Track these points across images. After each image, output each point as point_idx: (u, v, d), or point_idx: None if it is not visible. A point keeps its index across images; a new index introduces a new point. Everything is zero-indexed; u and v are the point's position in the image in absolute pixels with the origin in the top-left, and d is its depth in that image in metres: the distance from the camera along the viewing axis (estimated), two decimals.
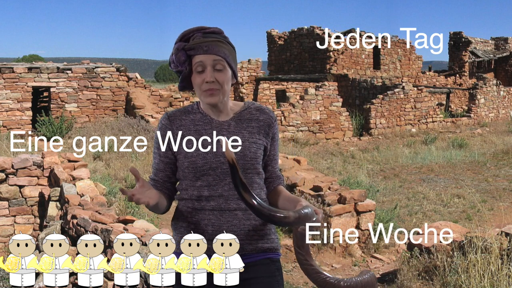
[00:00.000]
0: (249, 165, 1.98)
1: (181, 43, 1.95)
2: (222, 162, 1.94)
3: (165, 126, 2.02)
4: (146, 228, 4.77)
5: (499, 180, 10.36)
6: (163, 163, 2.04)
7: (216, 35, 1.96)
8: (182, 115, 2.03)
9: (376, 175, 10.89)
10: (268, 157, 2.09)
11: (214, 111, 2.01)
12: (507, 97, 23.76)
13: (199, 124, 2.00)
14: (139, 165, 9.99)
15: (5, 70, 14.71)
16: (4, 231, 6.46)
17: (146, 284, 3.76)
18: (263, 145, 2.04)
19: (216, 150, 1.95)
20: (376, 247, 6.07)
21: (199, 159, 1.95)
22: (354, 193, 6.24)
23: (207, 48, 1.91)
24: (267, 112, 2.08)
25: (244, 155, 1.97)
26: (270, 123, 2.07)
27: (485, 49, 32.44)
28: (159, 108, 15.74)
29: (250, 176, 1.99)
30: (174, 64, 1.98)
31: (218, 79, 1.93)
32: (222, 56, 1.93)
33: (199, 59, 1.92)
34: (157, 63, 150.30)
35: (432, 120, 19.68)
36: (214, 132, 1.98)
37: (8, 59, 40.58)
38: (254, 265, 1.96)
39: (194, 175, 1.96)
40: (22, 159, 6.55)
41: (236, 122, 2.02)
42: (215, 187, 1.95)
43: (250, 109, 2.07)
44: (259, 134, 2.03)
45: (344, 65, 23.37)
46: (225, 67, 1.94)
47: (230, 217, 1.95)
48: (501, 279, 3.85)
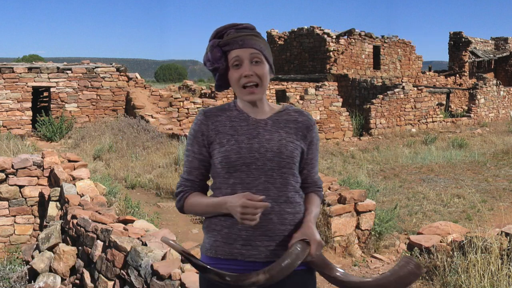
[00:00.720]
0: (285, 163, 1.91)
1: (216, 40, 1.92)
2: (256, 158, 1.89)
3: (201, 122, 1.97)
4: (146, 228, 4.77)
5: (499, 180, 10.36)
6: (197, 160, 1.98)
7: (248, 30, 1.93)
8: (218, 111, 1.99)
9: (376, 175, 10.88)
10: (305, 160, 2.02)
11: (252, 108, 1.97)
12: (507, 97, 23.75)
13: (235, 121, 1.95)
14: (139, 165, 10.00)
15: (5, 70, 14.71)
16: (4, 231, 6.46)
17: (146, 284, 3.76)
18: (300, 147, 1.98)
19: (251, 146, 1.89)
20: (376, 247, 6.07)
21: (232, 154, 1.88)
22: (354, 193, 6.24)
23: (243, 42, 1.88)
24: (306, 115, 2.03)
25: (280, 152, 1.91)
26: (308, 125, 2.01)
27: (485, 49, 32.44)
28: (159, 108, 15.74)
29: (286, 176, 1.92)
30: (210, 62, 1.93)
31: (257, 72, 1.89)
32: (259, 49, 1.89)
33: (235, 53, 1.89)
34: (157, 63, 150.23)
35: (432, 120, 19.67)
36: (251, 129, 1.93)
37: (8, 59, 40.57)
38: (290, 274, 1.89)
39: (227, 171, 1.89)
40: (22, 159, 6.55)
41: (273, 121, 1.97)
42: (249, 185, 1.87)
43: (288, 110, 2.02)
44: (297, 135, 1.97)
45: (344, 65, 23.37)
46: (262, 60, 1.90)
47: (265, 222, 1.86)
48: (501, 279, 3.85)
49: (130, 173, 9.44)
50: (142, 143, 11.73)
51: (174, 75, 67.01)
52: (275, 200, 1.88)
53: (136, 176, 9.22)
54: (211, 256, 1.92)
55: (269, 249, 1.87)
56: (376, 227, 6.21)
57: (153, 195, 8.41)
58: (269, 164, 1.89)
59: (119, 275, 4.16)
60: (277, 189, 1.90)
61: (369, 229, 6.21)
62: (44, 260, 4.93)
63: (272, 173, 1.89)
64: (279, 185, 1.90)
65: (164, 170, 9.38)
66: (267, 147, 1.90)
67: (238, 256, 1.88)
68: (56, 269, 4.86)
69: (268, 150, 1.90)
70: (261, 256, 1.87)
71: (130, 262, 4.01)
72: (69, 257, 4.89)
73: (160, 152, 10.86)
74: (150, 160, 10.33)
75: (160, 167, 9.70)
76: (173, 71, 69.51)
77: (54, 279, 4.82)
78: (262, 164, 1.89)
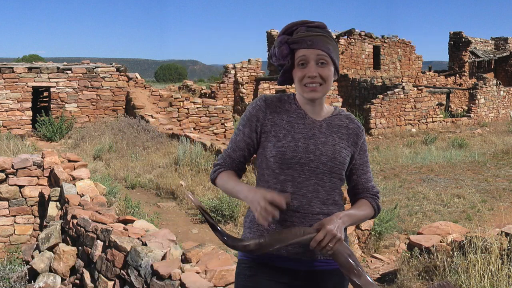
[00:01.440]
0: (337, 169, 1.93)
1: (285, 36, 1.91)
2: (311, 160, 1.89)
3: (259, 107, 1.96)
4: (146, 228, 4.77)
5: (499, 180, 10.36)
6: (244, 142, 1.97)
7: (320, 30, 1.91)
8: (278, 102, 1.98)
9: (376, 175, 10.88)
10: (354, 166, 2.02)
11: (309, 107, 1.97)
12: (507, 97, 23.75)
13: (292, 117, 1.95)
14: (139, 165, 10.00)
15: (5, 70, 14.71)
16: (4, 231, 6.45)
17: (146, 284, 3.76)
18: (351, 153, 1.99)
19: (307, 146, 1.90)
20: (376, 247, 6.07)
21: (289, 150, 1.88)
22: None
23: (311, 43, 1.87)
24: (356, 122, 2.04)
25: (334, 157, 1.92)
26: (358, 132, 2.02)
27: (485, 49, 32.43)
28: (159, 108, 15.74)
29: (334, 181, 1.94)
30: (276, 57, 1.93)
31: (322, 74, 1.88)
32: (326, 51, 1.88)
33: (303, 53, 1.88)
34: (157, 63, 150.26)
35: (432, 120, 19.68)
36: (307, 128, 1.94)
37: (8, 59, 40.57)
38: (332, 273, 1.94)
39: (280, 166, 1.89)
40: (22, 159, 6.55)
41: (327, 124, 1.97)
42: (300, 184, 1.88)
43: (340, 115, 2.03)
44: (348, 141, 1.98)
45: (344, 65, 23.37)
46: (328, 62, 1.89)
47: (313, 221, 1.86)
48: (501, 279, 3.85)
49: (130, 173, 9.44)
50: (142, 143, 11.72)
51: (174, 75, 67.03)
52: (324, 202, 1.91)
53: (136, 176, 9.21)
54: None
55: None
56: (376, 227, 6.21)
57: (153, 195, 8.41)
58: (321, 167, 1.91)
59: (119, 275, 4.16)
60: (326, 192, 1.92)
61: (369, 229, 6.21)
62: (44, 260, 4.93)
63: (323, 176, 1.91)
64: (328, 189, 1.92)
65: (164, 170, 9.38)
66: (322, 150, 1.91)
67: (283, 252, 1.89)
68: (56, 269, 4.86)
69: (323, 154, 1.91)
70: (305, 255, 1.88)
71: (130, 262, 4.01)
72: (69, 257, 4.89)
73: (160, 152, 10.86)
74: (150, 160, 10.33)
75: (160, 167, 9.70)
76: (173, 71, 69.53)
77: (54, 279, 4.82)
78: (315, 166, 1.90)
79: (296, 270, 1.91)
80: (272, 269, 1.91)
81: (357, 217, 1.95)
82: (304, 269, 1.91)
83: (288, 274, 1.91)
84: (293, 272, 1.91)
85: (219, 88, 22.27)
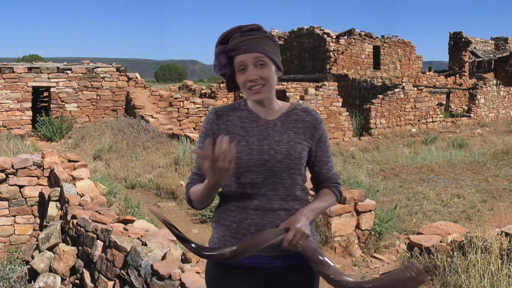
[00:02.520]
0: (294, 164, 1.97)
1: (221, 46, 1.97)
2: (266, 160, 1.94)
3: (212, 121, 2.02)
4: (146, 228, 4.77)
5: (499, 180, 10.36)
6: None
7: (254, 32, 1.96)
8: (229, 111, 2.03)
9: (376, 175, 10.88)
10: (315, 158, 2.07)
11: (261, 108, 2.02)
12: (507, 97, 23.75)
13: (245, 121, 2.00)
14: (139, 165, 10.00)
15: (5, 70, 14.71)
16: (4, 231, 6.45)
17: (146, 284, 3.76)
18: (308, 146, 2.04)
19: (261, 147, 1.95)
20: (376, 247, 6.07)
21: (244, 155, 1.93)
22: (354, 193, 6.24)
23: (246, 47, 1.92)
24: (313, 114, 2.08)
25: (289, 154, 1.96)
26: (315, 124, 2.06)
27: (485, 49, 32.44)
28: (159, 108, 15.74)
29: (294, 177, 1.99)
30: (218, 68, 1.99)
31: (262, 75, 1.93)
32: (263, 52, 1.93)
33: (240, 59, 1.93)
34: (157, 63, 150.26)
35: (432, 120, 19.67)
36: (261, 130, 1.98)
37: (8, 59, 40.58)
38: (296, 268, 1.99)
39: (238, 171, 1.94)
40: (22, 159, 6.55)
41: (282, 122, 2.02)
42: (259, 185, 1.94)
43: (296, 109, 2.07)
44: (304, 135, 2.03)
45: (344, 65, 23.37)
46: (267, 63, 1.95)
47: (274, 217, 1.94)
48: (501, 279, 3.85)
49: (130, 173, 9.44)
50: (142, 143, 11.72)
51: (174, 75, 67.03)
52: (284, 199, 1.96)
53: (136, 176, 9.21)
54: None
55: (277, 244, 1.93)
56: (376, 227, 6.21)
57: (153, 195, 8.41)
58: (278, 166, 1.95)
59: (119, 275, 4.16)
60: (286, 188, 1.97)
61: (369, 229, 6.21)
62: (44, 260, 4.93)
63: (281, 174, 1.96)
64: (288, 185, 1.97)
65: (164, 170, 9.38)
66: (276, 149, 1.96)
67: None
68: (56, 269, 4.86)
69: (277, 152, 1.95)
70: (269, 250, 1.92)
71: (130, 262, 4.01)
72: (69, 257, 4.89)
73: (160, 152, 10.86)
74: (150, 160, 10.33)
75: (160, 167, 9.70)
76: (173, 71, 69.53)
77: (54, 279, 4.82)
78: (272, 165, 1.95)
79: (264, 268, 1.96)
80: (240, 270, 1.96)
81: (320, 208, 2.04)
82: (272, 266, 1.97)
83: (257, 272, 1.96)
84: (261, 270, 1.96)
85: (219, 88, 22.27)
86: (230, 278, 1.96)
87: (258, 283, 1.98)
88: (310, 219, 1.95)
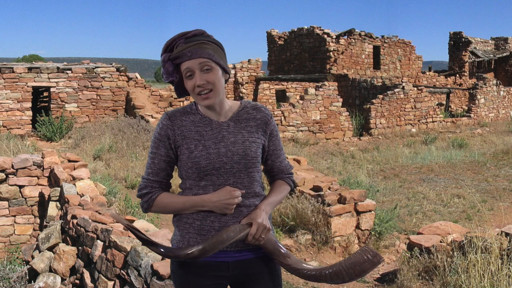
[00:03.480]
0: (251, 164, 2.04)
1: (166, 54, 2.00)
2: (225, 162, 2.00)
3: (166, 126, 2.04)
4: (146, 228, 4.77)
5: (499, 180, 10.36)
6: (165, 162, 2.06)
7: (198, 37, 1.98)
8: (182, 115, 2.07)
9: (376, 175, 10.89)
10: (268, 152, 2.15)
11: (212, 112, 2.05)
12: (507, 97, 23.75)
13: (199, 126, 2.04)
14: (139, 165, 10.00)
15: (5, 70, 14.71)
16: (4, 231, 6.45)
17: (146, 284, 3.76)
18: (262, 143, 2.10)
19: (218, 150, 2.00)
20: (376, 247, 6.07)
21: (202, 160, 1.99)
22: (354, 193, 6.24)
23: (191, 54, 1.95)
24: (263, 110, 2.14)
25: (245, 154, 2.03)
26: (266, 120, 2.12)
27: (485, 49, 32.43)
28: (159, 108, 15.74)
29: (252, 175, 2.06)
30: (165, 76, 2.03)
31: (208, 79, 1.96)
32: (207, 57, 1.96)
33: (186, 65, 1.97)
34: (157, 63, 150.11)
35: (432, 120, 19.67)
36: (215, 133, 2.04)
37: (8, 59, 40.59)
38: (259, 260, 2.07)
39: (198, 175, 2.00)
40: (22, 159, 6.55)
41: (234, 122, 2.07)
42: (220, 186, 2.01)
43: (247, 108, 2.12)
44: (257, 132, 2.09)
45: (344, 65, 23.36)
46: (212, 67, 1.97)
47: (236, 213, 2.01)
48: (501, 279, 3.85)
49: (130, 173, 9.43)
50: (142, 143, 11.72)
51: None
52: (245, 196, 2.03)
53: (136, 176, 9.21)
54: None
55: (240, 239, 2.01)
56: (376, 227, 6.21)
57: None
58: (236, 166, 2.02)
59: (119, 275, 4.16)
60: (245, 186, 2.04)
61: (369, 229, 6.21)
62: (44, 260, 4.93)
63: (240, 174, 2.03)
64: (247, 183, 2.05)
65: None
66: (233, 151, 2.02)
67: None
68: (56, 269, 4.86)
69: (234, 154, 2.02)
70: (232, 245, 2.00)
71: (130, 262, 4.01)
72: (69, 257, 4.89)
73: None
74: None
75: None
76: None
77: (54, 279, 4.81)
78: (230, 167, 2.01)
79: (225, 262, 2.04)
80: (203, 265, 2.02)
81: (277, 201, 2.14)
82: (233, 260, 2.04)
83: (218, 267, 2.04)
84: (223, 264, 2.04)
85: None
86: (197, 275, 2.03)
87: (225, 277, 2.06)
88: (269, 213, 2.05)
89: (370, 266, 1.88)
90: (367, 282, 4.95)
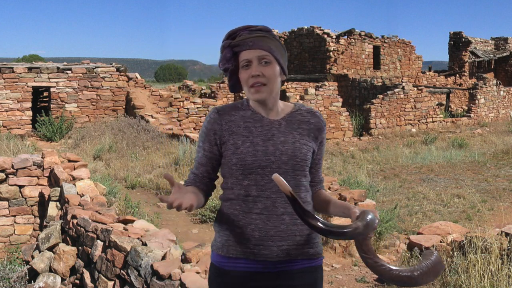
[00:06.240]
0: (299, 166, 1.94)
1: (227, 41, 1.94)
2: (272, 161, 1.90)
3: (214, 120, 1.97)
4: (146, 228, 4.77)
5: (499, 180, 10.36)
6: (206, 157, 1.99)
7: (262, 32, 1.94)
8: (231, 110, 1.98)
9: (376, 175, 10.89)
10: (314, 160, 2.05)
11: (264, 108, 1.97)
12: (507, 97, 23.75)
13: (249, 121, 1.95)
14: (139, 165, 10.00)
15: (5, 70, 14.71)
16: (4, 231, 6.45)
17: (146, 284, 3.76)
18: (312, 148, 2.00)
19: (266, 148, 1.91)
20: (376, 247, 6.06)
21: (248, 156, 1.89)
22: (354, 193, 6.24)
23: (252, 43, 1.89)
24: (318, 116, 2.05)
25: (294, 155, 1.93)
26: (320, 127, 2.04)
27: (485, 49, 32.44)
28: (159, 108, 15.74)
29: (299, 178, 1.95)
30: (222, 62, 1.96)
31: (265, 72, 1.89)
32: (268, 50, 1.90)
33: (245, 55, 1.90)
34: (157, 63, 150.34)
35: (432, 120, 19.67)
36: (265, 130, 1.94)
37: (8, 59, 40.59)
38: (300, 272, 1.95)
39: (242, 173, 1.90)
40: (22, 159, 6.55)
41: (287, 122, 1.98)
42: (263, 187, 1.89)
43: (301, 111, 2.04)
44: (309, 137, 1.99)
45: (344, 65, 23.36)
46: (271, 61, 1.91)
47: (278, 222, 1.89)
48: (501, 279, 3.85)
49: (130, 173, 9.43)
50: (142, 143, 11.72)
51: (174, 75, 67.09)
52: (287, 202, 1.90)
53: (136, 176, 9.21)
54: (222, 255, 1.94)
55: (281, 249, 1.90)
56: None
57: (153, 195, 8.41)
58: (283, 167, 1.91)
59: (119, 275, 4.16)
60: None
61: None
62: (44, 260, 4.93)
63: (286, 175, 1.90)
64: (293, 187, 1.90)
65: (164, 170, 9.37)
66: (282, 150, 1.92)
67: (250, 255, 1.90)
68: (56, 269, 4.86)
69: (283, 153, 1.92)
70: (273, 256, 1.89)
71: (130, 262, 4.01)
72: (69, 257, 4.89)
73: (160, 152, 10.86)
74: (150, 160, 10.33)
75: (160, 167, 9.70)
76: (173, 71, 69.59)
77: (54, 279, 4.82)
78: (277, 167, 1.90)
79: (264, 273, 1.92)
80: (241, 275, 1.91)
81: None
82: (273, 271, 1.92)
83: (257, 277, 1.92)
84: (261, 275, 1.92)
85: (219, 88, 22.26)
86: (235, 285, 1.93)
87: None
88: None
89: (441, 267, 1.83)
90: (367, 282, 4.95)
